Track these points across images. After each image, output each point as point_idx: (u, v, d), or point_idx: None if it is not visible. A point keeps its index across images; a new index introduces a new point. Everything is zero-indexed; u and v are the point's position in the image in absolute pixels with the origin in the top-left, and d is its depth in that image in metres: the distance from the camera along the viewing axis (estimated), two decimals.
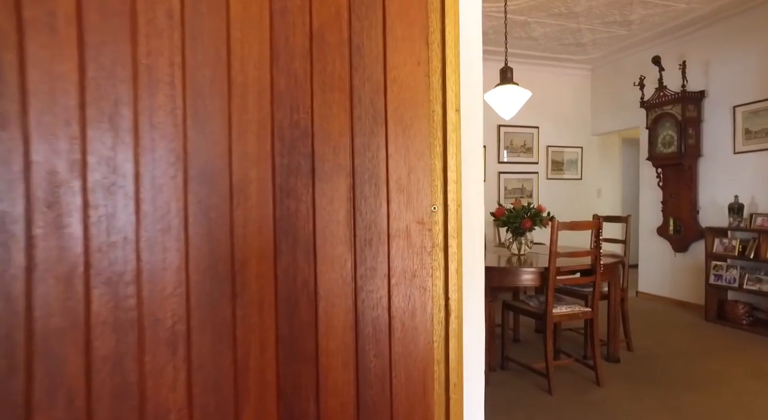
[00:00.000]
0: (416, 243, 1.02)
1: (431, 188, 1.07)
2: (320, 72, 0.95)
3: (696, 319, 4.09)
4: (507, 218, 3.16)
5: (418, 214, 1.03)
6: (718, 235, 3.98)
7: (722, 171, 4.12)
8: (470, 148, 1.15)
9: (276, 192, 0.91)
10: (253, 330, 0.89)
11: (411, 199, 1.02)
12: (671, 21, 4.16)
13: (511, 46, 4.55)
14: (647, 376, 2.89)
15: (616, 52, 4.92)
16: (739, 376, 2.83)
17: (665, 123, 4.34)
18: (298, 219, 0.93)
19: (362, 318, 0.98)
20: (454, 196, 1.09)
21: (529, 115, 5.18)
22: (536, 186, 5.33)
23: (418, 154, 1.04)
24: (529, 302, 2.99)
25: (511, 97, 3.43)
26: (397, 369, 1.00)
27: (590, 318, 2.82)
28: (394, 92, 1.01)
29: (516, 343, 3.54)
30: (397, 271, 1.01)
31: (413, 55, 1.02)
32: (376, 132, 1.00)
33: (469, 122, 1.14)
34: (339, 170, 0.96)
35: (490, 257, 3.32)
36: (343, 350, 0.96)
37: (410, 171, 1.02)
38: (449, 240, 1.08)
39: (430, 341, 1.03)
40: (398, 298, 1.01)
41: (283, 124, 0.92)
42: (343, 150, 0.96)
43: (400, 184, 1.01)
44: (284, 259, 0.92)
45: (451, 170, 1.09)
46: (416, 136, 1.03)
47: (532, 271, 2.76)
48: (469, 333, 1.11)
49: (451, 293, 1.09)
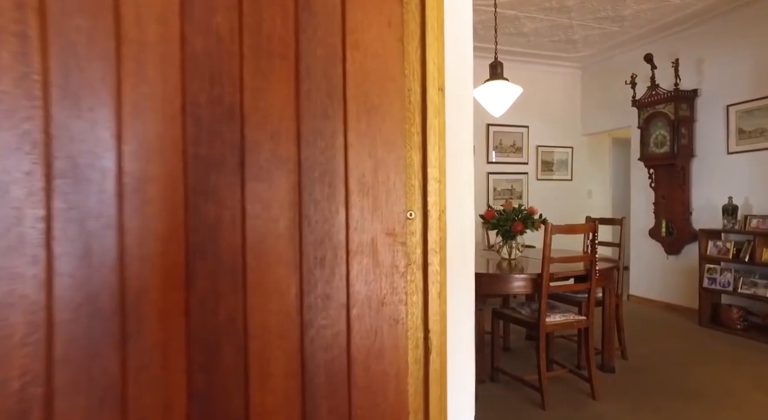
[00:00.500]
0: (385, 261, 0.76)
1: (406, 189, 0.81)
2: (253, 31, 0.68)
3: (690, 323, 3.89)
4: (497, 221, 2.91)
5: (387, 223, 0.76)
6: (711, 237, 3.79)
7: (716, 172, 3.94)
8: (458, 138, 0.89)
9: (189, 194, 0.64)
10: (153, 386, 0.62)
11: (378, 204, 0.75)
12: (664, 17, 3.96)
13: (501, 42, 4.32)
14: (644, 387, 2.67)
15: (608, 49, 4.72)
16: (740, 387, 2.63)
17: (657, 122, 4.15)
18: (221, 231, 0.66)
19: (311, 362, 0.71)
20: (437, 199, 0.83)
21: (519, 115, 4.95)
22: (526, 187, 5.11)
23: (388, 144, 0.78)
24: (520, 310, 2.74)
25: (501, 94, 3.19)
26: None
27: (585, 327, 2.59)
28: (356, 62, 0.75)
29: (506, 351, 3.30)
30: (360, 298, 0.74)
31: (382, 13, 0.76)
32: (331, 114, 0.73)
33: (456, 105, 0.88)
34: (280, 165, 0.70)
35: (479, 262, 3.08)
36: (284, 407, 0.69)
37: (377, 166, 0.76)
38: (429, 256, 0.82)
39: (404, 389, 0.77)
40: (361, 334, 0.75)
41: (199, 100, 0.65)
42: (285, 137, 0.70)
43: (364, 183, 0.75)
44: (200, 287, 0.65)
45: (433, 166, 0.83)
46: (386, 120, 0.77)
47: (523, 277, 2.51)
48: (456, 375, 0.85)
49: (432, 325, 0.82)
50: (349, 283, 0.73)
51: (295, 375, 0.69)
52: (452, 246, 0.88)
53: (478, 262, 3.06)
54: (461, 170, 0.90)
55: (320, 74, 0.71)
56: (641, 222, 4.53)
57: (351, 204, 0.73)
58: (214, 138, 0.65)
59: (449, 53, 0.87)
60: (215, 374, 0.65)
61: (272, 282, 0.69)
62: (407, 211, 0.82)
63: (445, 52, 0.85)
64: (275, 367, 0.68)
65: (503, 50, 4.37)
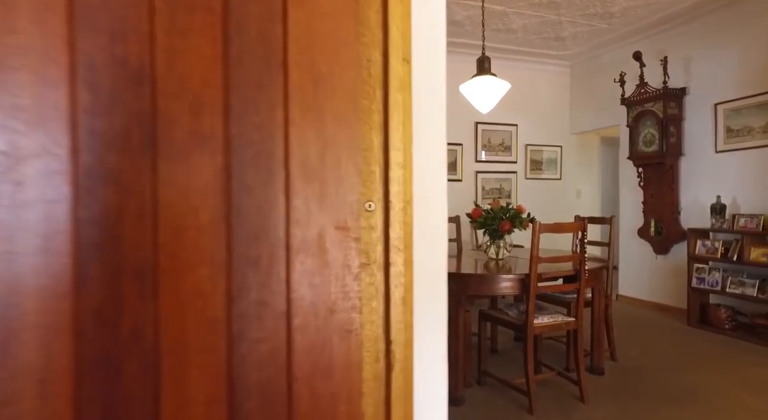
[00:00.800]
0: (335, 260, 0.63)
1: (364, 176, 0.68)
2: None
3: (678, 323, 3.81)
4: (484, 220, 2.79)
5: (338, 216, 0.63)
6: (700, 236, 3.72)
7: (704, 170, 3.87)
8: (427, 118, 0.76)
9: (80, 177, 0.51)
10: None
11: (327, 192, 0.62)
12: (652, 15, 3.88)
13: (489, 39, 4.21)
14: (634, 389, 2.57)
15: (596, 47, 4.64)
16: (731, 389, 2.54)
17: (646, 121, 4.07)
18: (124, 224, 0.52)
19: (242, 384, 0.57)
20: (401, 188, 0.70)
21: (507, 113, 4.85)
22: (515, 186, 5.01)
23: (340, 121, 0.65)
24: (508, 311, 2.63)
25: (488, 89, 3.08)
26: None
27: (574, 328, 2.48)
28: (301, 22, 0.61)
29: (494, 353, 3.18)
30: (304, 305, 0.61)
31: None
32: (268, 83, 0.60)
33: (425, 79, 0.75)
34: (202, 143, 0.56)
35: (468, 262, 2.96)
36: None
37: (326, 148, 0.63)
38: (392, 254, 0.69)
39: (358, 412, 0.64)
40: (304, 347, 0.61)
41: (95, 62, 0.52)
42: (210, 110, 0.56)
43: (309, 167, 0.61)
44: (95, 294, 0.51)
45: (396, 149, 0.70)
46: (337, 93, 0.64)
47: (510, 277, 2.40)
48: (425, 393, 0.72)
49: (395, 334, 0.69)
50: (290, 287, 0.59)
51: (221, 400, 0.56)
52: (420, 243, 0.75)
53: (466, 263, 2.94)
54: (432, 156, 0.77)
55: (254, 34, 0.58)
56: (630, 221, 4.45)
57: (293, 192, 0.59)
58: (116, 108, 0.52)
59: (417, 19, 0.74)
60: (115, 403, 0.51)
61: (192, 286, 0.55)
62: (366, 202, 0.69)
63: (412, 18, 0.72)
64: (195, 391, 0.55)
65: (492, 47, 4.27)
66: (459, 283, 2.39)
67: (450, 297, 2.03)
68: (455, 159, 4.73)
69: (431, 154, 0.77)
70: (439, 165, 0.78)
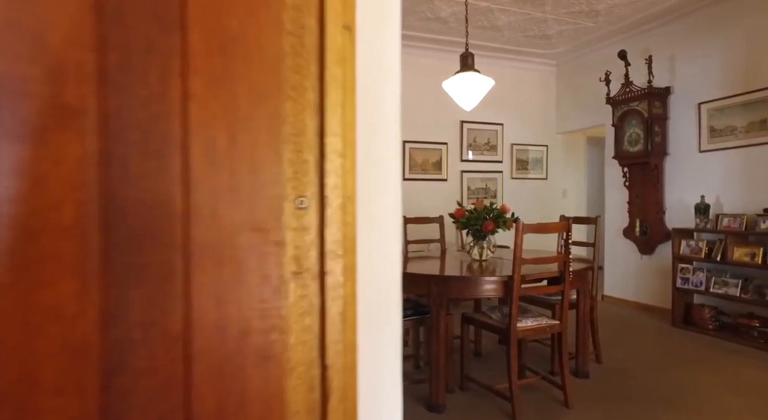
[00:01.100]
0: (252, 269, 0.50)
1: (295, 166, 0.55)
2: None
3: (663, 324, 3.75)
4: (467, 220, 2.68)
5: (255, 214, 0.50)
6: (684, 236, 3.66)
7: (688, 170, 3.81)
8: (375, 98, 0.64)
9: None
10: None
11: (239, 185, 0.49)
12: (637, 13, 3.82)
13: (474, 37, 4.11)
14: (620, 393, 2.48)
15: (582, 46, 4.57)
16: (714, 391, 2.46)
17: (632, 120, 4.01)
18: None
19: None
20: (340, 181, 0.57)
21: (493, 112, 4.76)
22: (500, 186, 4.91)
23: (259, 97, 0.51)
24: (491, 314, 2.52)
25: (472, 86, 2.97)
26: None
27: (559, 332, 2.38)
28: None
29: (478, 357, 3.07)
30: (208, 326, 0.48)
31: None
32: (160, 46, 0.47)
33: (373, 53, 0.63)
34: (65, 119, 0.43)
35: (450, 263, 2.85)
36: None
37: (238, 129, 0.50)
38: (328, 261, 0.56)
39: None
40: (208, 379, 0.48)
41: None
42: (75, 77, 0.43)
43: (216, 154, 0.48)
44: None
45: (334, 135, 0.57)
46: (254, 63, 0.51)
47: (494, 280, 2.28)
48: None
49: (333, 357, 0.56)
50: (189, 304, 0.46)
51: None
52: (366, 247, 0.62)
53: (449, 264, 2.83)
54: (381, 143, 0.65)
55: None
56: (616, 221, 4.39)
57: (194, 183, 0.46)
58: None
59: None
60: None
61: (48, 305, 0.42)
62: (297, 198, 0.56)
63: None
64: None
65: (477, 46, 4.17)
66: (440, 286, 2.27)
67: (431, 300, 1.86)
68: (440, 158, 4.62)
69: (381, 140, 0.64)
70: (390, 154, 0.66)
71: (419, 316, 2.49)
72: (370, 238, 0.63)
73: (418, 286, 2.38)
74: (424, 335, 2.74)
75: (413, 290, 2.52)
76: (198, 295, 0.47)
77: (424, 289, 2.32)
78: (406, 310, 2.48)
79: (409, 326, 2.53)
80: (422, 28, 4.04)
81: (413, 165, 4.50)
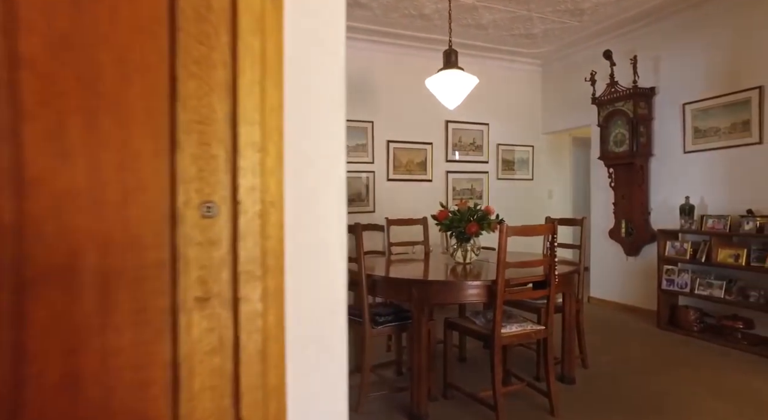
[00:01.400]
0: (120, 301, 0.36)
1: (200, 162, 0.42)
2: None
3: (648, 325, 3.69)
4: (450, 222, 2.57)
5: (127, 225, 0.37)
6: (669, 237, 3.61)
7: (673, 171, 3.77)
8: (313, 78, 0.51)
9: None
10: None
11: (101, 187, 0.36)
12: (622, 12, 3.76)
13: (459, 35, 4.01)
14: (606, 399, 2.39)
15: (567, 46, 4.50)
16: (700, 396, 2.39)
17: (617, 120, 3.95)
18: None
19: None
20: (259, 181, 0.45)
21: (479, 111, 4.67)
22: (486, 186, 4.82)
23: (132, 66, 0.38)
24: (474, 320, 2.41)
25: (455, 84, 2.86)
26: None
27: (544, 337, 2.28)
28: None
29: (462, 362, 2.97)
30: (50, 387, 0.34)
31: None
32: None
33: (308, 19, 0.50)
34: None
35: (434, 266, 2.73)
36: None
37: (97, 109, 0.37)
38: (242, 285, 0.43)
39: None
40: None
41: None
42: None
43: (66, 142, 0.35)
44: None
45: (250, 123, 0.45)
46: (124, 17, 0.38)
47: (477, 284, 2.18)
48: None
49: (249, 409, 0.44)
50: (22, 355, 0.33)
51: None
52: (299, 266, 0.49)
53: (432, 267, 2.72)
54: (321, 135, 0.52)
55: None
56: (601, 222, 4.33)
57: (30, 185, 0.33)
58: None
59: None
60: None
61: None
62: (202, 203, 0.43)
63: None
64: None
65: (462, 44, 4.07)
66: (421, 291, 2.15)
67: (412, 306, 1.68)
68: (425, 158, 4.51)
69: (319, 131, 0.51)
70: (333, 149, 0.53)
71: (401, 321, 2.36)
72: (303, 255, 0.50)
73: (399, 291, 2.26)
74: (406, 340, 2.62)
75: (393, 296, 2.40)
76: (35, 341, 0.33)
77: (405, 294, 2.20)
78: (387, 316, 2.35)
79: (390, 332, 2.40)
80: (406, 25, 3.93)
81: (398, 165, 4.38)
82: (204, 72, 0.44)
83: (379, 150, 4.31)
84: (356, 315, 2.34)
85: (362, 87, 4.21)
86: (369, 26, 3.90)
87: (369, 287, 2.28)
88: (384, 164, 4.33)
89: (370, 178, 4.27)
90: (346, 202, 0.56)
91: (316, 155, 0.52)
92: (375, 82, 4.25)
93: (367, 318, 2.26)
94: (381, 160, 4.32)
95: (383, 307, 2.50)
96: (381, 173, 4.32)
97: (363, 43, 4.13)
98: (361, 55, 4.17)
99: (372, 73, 4.24)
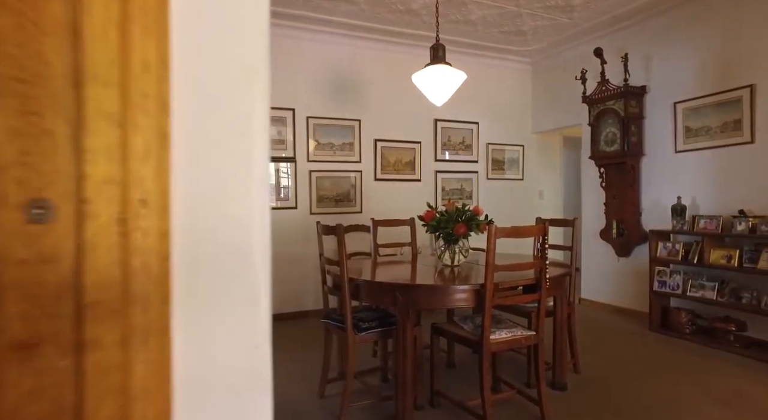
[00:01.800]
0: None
1: (14, 140, 0.27)
2: None
3: (640, 328, 3.59)
4: (437, 223, 2.42)
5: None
6: (661, 238, 3.51)
7: (664, 171, 3.67)
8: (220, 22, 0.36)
9: None
10: None
11: None
12: (613, 9, 3.66)
13: (448, 31, 3.88)
14: (599, 405, 2.27)
15: (558, 43, 4.40)
16: (692, 401, 2.29)
17: (608, 119, 3.84)
18: None
19: None
20: (117, 169, 0.30)
21: (468, 110, 4.54)
22: (476, 186, 4.69)
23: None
24: (463, 325, 2.27)
25: (442, 80, 2.72)
26: None
27: (534, 343, 2.14)
28: None
29: (450, 368, 2.83)
30: None
31: None
32: None
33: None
34: None
35: (421, 270, 2.59)
36: None
37: None
38: (90, 323, 0.28)
39: None
40: None
41: None
42: None
43: None
44: None
45: (103, 85, 0.29)
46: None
47: (465, 288, 2.04)
48: None
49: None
50: None
51: None
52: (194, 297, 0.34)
53: (419, 270, 2.58)
54: (230, 106, 0.37)
55: None
56: (593, 223, 4.22)
57: None
58: None
59: None
60: None
61: None
62: (29, 203, 0.28)
63: None
64: None
65: (451, 40, 3.94)
66: (406, 296, 2.01)
67: (396, 311, 1.48)
68: (413, 158, 4.37)
69: (227, 100, 0.37)
70: (252, 124, 0.38)
71: (386, 327, 2.21)
72: (202, 278, 0.35)
73: (383, 296, 2.11)
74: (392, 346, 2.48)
75: (377, 301, 2.25)
76: None
77: (390, 299, 2.05)
78: (371, 322, 2.20)
79: (376, 338, 2.25)
80: (394, 20, 3.78)
81: (386, 164, 4.24)
82: (27, 4, 0.29)
83: (366, 149, 4.16)
84: (339, 321, 2.19)
85: (349, 84, 4.06)
86: (355, 22, 3.75)
87: (352, 292, 2.13)
88: (371, 163, 4.18)
89: (357, 177, 4.11)
90: (269, 199, 0.41)
91: (224, 135, 0.37)
92: (362, 80, 4.10)
93: (350, 324, 2.11)
94: (368, 160, 4.17)
95: (368, 312, 2.35)
96: (368, 173, 4.17)
97: (349, 39, 3.98)
98: (347, 51, 4.02)
99: (359, 70, 4.09)
